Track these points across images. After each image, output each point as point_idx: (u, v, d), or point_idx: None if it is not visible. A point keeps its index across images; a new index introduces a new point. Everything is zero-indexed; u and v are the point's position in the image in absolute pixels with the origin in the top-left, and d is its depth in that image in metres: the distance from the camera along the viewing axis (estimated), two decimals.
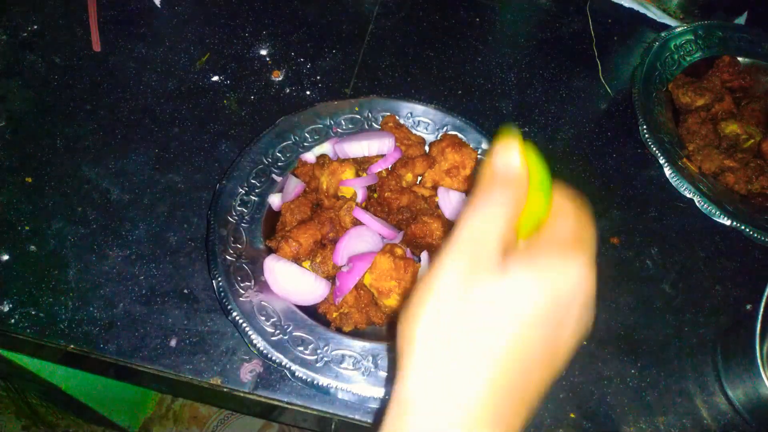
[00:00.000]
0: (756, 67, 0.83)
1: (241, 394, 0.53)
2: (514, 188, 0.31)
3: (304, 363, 0.50)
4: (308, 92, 0.75)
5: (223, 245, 0.55)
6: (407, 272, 0.53)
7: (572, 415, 0.56)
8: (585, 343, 0.60)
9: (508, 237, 0.31)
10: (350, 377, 0.50)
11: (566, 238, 0.32)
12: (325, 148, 0.65)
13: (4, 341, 0.59)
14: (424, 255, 0.56)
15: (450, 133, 0.67)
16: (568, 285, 0.30)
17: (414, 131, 0.68)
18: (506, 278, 0.29)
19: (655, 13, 0.92)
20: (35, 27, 0.76)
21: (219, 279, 0.53)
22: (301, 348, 0.51)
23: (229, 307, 0.52)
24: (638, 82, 0.76)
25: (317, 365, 0.50)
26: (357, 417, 0.53)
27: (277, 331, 0.51)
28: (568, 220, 0.33)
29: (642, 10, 0.92)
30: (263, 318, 0.52)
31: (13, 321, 0.54)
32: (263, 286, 0.54)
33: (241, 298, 0.52)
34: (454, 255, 0.30)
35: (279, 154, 0.63)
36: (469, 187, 0.64)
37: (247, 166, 0.61)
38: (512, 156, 0.32)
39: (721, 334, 0.62)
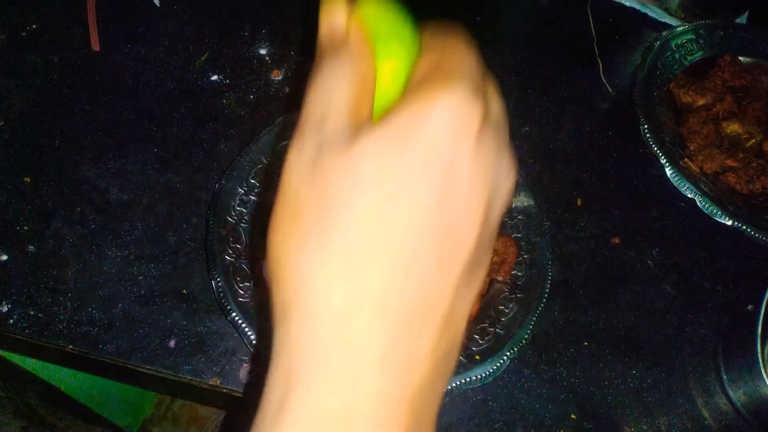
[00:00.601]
0: (757, 66, 0.83)
1: (241, 395, 0.53)
2: (347, 52, 0.24)
3: None
4: None
5: (222, 245, 0.55)
6: None
7: (573, 416, 0.56)
8: (586, 343, 0.60)
9: (360, 109, 0.23)
10: None
11: (428, 75, 0.23)
12: None
13: (2, 342, 0.59)
14: None
15: None
16: (437, 130, 0.21)
17: None
18: (354, 148, 0.21)
19: (656, 13, 0.91)
20: (34, 26, 0.75)
21: (218, 279, 0.53)
22: None
23: (228, 307, 0.52)
24: (639, 81, 0.76)
25: None
26: None
27: None
28: (431, 54, 0.25)
29: (643, 10, 0.92)
30: (263, 318, 0.52)
31: (11, 321, 0.54)
32: (262, 286, 0.54)
33: (240, 299, 0.52)
34: (297, 145, 0.23)
35: (279, 154, 0.63)
36: None
37: (246, 166, 0.61)
38: (335, 15, 0.25)
39: (723, 335, 0.62)
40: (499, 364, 0.52)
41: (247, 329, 0.50)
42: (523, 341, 0.54)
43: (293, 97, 0.74)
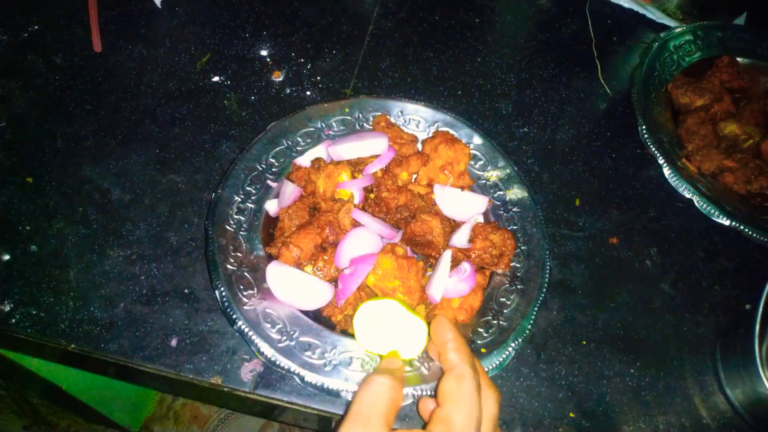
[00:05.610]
0: (755, 67, 0.83)
1: (242, 394, 0.53)
2: (398, 379, 0.40)
3: (312, 368, 0.50)
4: (308, 92, 0.75)
5: (223, 255, 0.54)
6: (410, 270, 0.53)
7: (572, 414, 0.56)
8: (584, 342, 0.60)
9: (389, 419, 0.38)
10: (360, 379, 0.50)
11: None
12: (319, 151, 0.64)
13: (5, 341, 0.59)
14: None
15: (442, 129, 0.67)
16: None
17: (405, 129, 0.68)
18: None
19: (654, 14, 0.92)
20: (36, 27, 0.76)
21: (221, 289, 0.52)
22: (308, 353, 0.51)
23: (234, 316, 0.51)
24: (637, 82, 0.76)
25: (326, 369, 0.50)
26: None
27: (284, 338, 0.51)
28: (446, 406, 0.39)
29: (641, 11, 0.92)
30: (269, 325, 0.51)
31: (14, 321, 0.54)
32: (266, 293, 0.54)
33: (245, 307, 0.52)
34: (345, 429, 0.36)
35: (273, 160, 0.63)
36: (463, 182, 0.64)
37: (242, 174, 0.60)
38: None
39: (720, 334, 0.62)
40: (504, 356, 0.52)
41: (254, 337, 0.50)
42: (527, 331, 0.54)
43: (293, 98, 0.74)
